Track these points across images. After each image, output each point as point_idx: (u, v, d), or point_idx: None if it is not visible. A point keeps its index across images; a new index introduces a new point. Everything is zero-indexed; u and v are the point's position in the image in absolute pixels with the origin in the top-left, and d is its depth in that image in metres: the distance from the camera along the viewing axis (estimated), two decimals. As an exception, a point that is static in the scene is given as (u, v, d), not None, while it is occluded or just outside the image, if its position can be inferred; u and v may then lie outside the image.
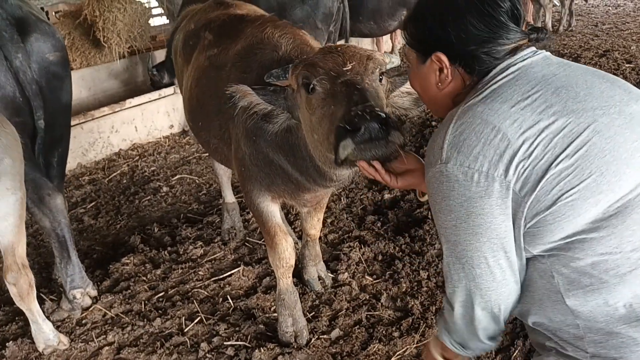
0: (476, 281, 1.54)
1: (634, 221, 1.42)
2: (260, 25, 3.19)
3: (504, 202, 1.46)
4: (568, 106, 1.46)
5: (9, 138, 2.69)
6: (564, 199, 1.42)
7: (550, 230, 1.46)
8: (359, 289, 3.66)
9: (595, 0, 14.25)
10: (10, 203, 2.65)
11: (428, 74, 1.70)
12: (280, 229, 3.13)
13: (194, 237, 4.52)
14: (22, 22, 3.29)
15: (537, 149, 1.42)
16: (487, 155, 1.44)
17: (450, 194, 1.49)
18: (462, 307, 1.62)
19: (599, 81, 1.55)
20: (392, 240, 4.13)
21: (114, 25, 7.26)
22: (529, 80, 1.52)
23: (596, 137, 1.42)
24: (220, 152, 3.44)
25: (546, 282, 1.52)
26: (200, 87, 3.41)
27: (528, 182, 1.43)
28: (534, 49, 1.63)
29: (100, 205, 5.38)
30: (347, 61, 2.21)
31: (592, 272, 1.44)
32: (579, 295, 1.46)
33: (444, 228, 1.56)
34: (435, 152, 1.53)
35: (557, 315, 1.52)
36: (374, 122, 1.90)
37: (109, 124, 6.71)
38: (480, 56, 1.60)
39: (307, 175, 2.71)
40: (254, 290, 3.74)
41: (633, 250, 1.42)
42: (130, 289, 3.86)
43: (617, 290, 1.42)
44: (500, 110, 1.47)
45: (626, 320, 1.43)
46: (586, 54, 8.81)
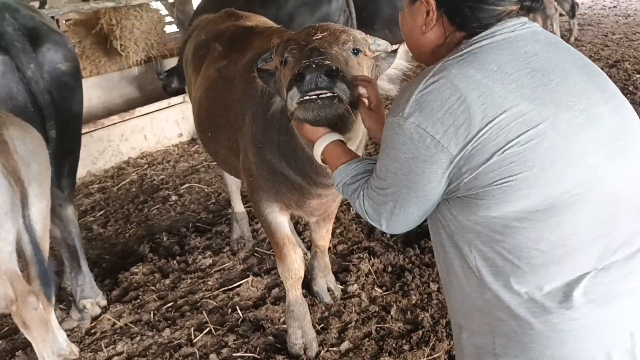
0: (391, 217, 1.67)
1: (556, 222, 1.45)
2: (267, 36, 3.21)
3: (443, 173, 1.50)
4: (537, 92, 1.45)
5: (35, 143, 2.67)
6: (500, 184, 1.44)
7: (477, 205, 1.49)
8: (369, 301, 3.64)
9: (604, 10, 14.21)
10: (37, 210, 2.59)
11: (416, 15, 1.70)
12: (289, 240, 3.13)
13: (203, 246, 4.53)
14: (34, 32, 3.31)
15: (492, 129, 1.42)
16: (446, 124, 1.44)
17: (401, 147, 1.53)
18: (367, 206, 1.72)
19: (577, 72, 1.53)
20: (401, 252, 4.11)
21: (131, 33, 7.32)
22: (510, 54, 1.51)
23: (552, 131, 1.42)
24: (229, 163, 3.45)
25: (463, 256, 1.59)
26: (209, 98, 3.43)
27: (473, 160, 1.45)
28: (525, 21, 1.60)
29: (109, 214, 5.39)
30: (318, 32, 2.24)
31: (507, 255, 1.49)
32: (491, 272, 1.53)
33: (385, 169, 1.62)
34: (402, 102, 1.54)
35: (471, 287, 1.59)
36: (318, 70, 1.93)
37: (118, 132, 6.74)
38: (463, 9, 1.58)
39: (308, 177, 2.72)
40: (263, 301, 3.73)
41: (549, 247, 1.46)
42: (140, 299, 3.86)
43: (525, 277, 1.48)
44: (473, 78, 1.46)
45: (525, 305, 1.49)
46: (596, 64, 8.63)
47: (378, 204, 1.67)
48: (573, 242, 1.45)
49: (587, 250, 1.46)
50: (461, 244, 1.58)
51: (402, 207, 1.62)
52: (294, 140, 2.62)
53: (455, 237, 1.60)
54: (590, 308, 1.45)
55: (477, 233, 1.53)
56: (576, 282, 1.45)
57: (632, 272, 1.47)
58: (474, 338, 1.64)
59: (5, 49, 3.14)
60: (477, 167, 1.45)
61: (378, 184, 1.66)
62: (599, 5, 14.98)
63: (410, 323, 3.41)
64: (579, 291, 1.45)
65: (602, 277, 1.46)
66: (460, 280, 1.62)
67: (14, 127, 2.59)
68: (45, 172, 2.71)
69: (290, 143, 2.67)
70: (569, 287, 1.45)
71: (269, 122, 2.79)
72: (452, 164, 1.47)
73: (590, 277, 1.45)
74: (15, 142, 2.51)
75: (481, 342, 1.61)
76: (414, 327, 3.36)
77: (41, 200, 2.64)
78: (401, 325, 3.39)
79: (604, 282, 1.46)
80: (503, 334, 1.54)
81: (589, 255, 1.46)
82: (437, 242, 1.71)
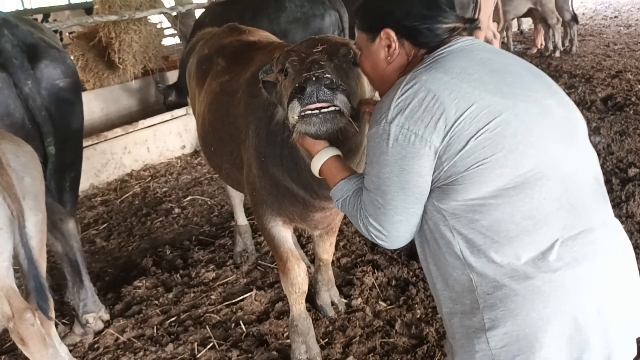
0: (393, 223, 1.80)
1: (527, 195, 1.65)
2: (269, 51, 3.23)
3: (430, 164, 1.70)
4: (498, 87, 1.69)
5: (27, 157, 2.65)
6: (476, 167, 1.64)
7: (457, 190, 1.68)
8: (373, 315, 3.62)
9: (606, 20, 14.25)
10: (32, 224, 2.57)
11: (378, 51, 1.94)
12: (293, 254, 3.11)
13: (206, 259, 4.51)
14: (32, 48, 3.30)
15: (465, 120, 1.63)
16: (425, 121, 1.65)
17: (390, 150, 1.71)
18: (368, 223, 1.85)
19: (525, 73, 1.80)
20: (405, 265, 4.09)
21: (129, 46, 7.35)
22: (469, 60, 1.76)
23: (513, 119, 1.66)
24: (232, 177, 3.44)
25: (447, 242, 1.75)
26: (212, 112, 3.43)
27: (451, 148, 1.65)
28: (472, 38, 1.89)
29: (112, 227, 5.39)
30: (318, 44, 2.26)
31: (486, 232, 1.68)
32: (473, 252, 1.70)
33: (377, 177, 1.77)
34: (383, 111, 1.73)
35: (456, 271, 1.76)
36: (319, 83, 1.97)
37: (121, 144, 6.75)
38: (422, 30, 1.85)
39: (311, 190, 2.71)
40: (266, 316, 3.71)
41: (521, 219, 1.65)
42: (143, 313, 3.84)
43: (504, 250, 1.67)
44: (442, 80, 1.69)
45: (508, 274, 1.67)
46: (598, 74, 8.77)
47: (378, 216, 1.80)
48: (540, 214, 1.66)
49: (553, 220, 1.67)
50: (444, 231, 1.75)
51: (402, 210, 1.77)
52: (297, 154, 2.62)
53: (440, 226, 1.76)
54: (565, 270, 1.64)
55: (457, 217, 1.71)
56: (549, 249, 1.65)
57: (595, 241, 1.69)
58: (464, 320, 1.78)
59: (3, 66, 3.13)
60: (454, 154, 1.65)
61: (373, 197, 1.80)
62: (600, 16, 15.04)
63: (415, 338, 3.38)
64: (553, 257, 1.65)
65: (571, 245, 1.66)
66: (447, 268, 1.79)
67: (6, 141, 2.58)
68: (40, 185, 2.69)
69: (292, 156, 2.67)
70: (544, 254, 1.65)
71: (271, 136, 2.79)
72: (435, 154, 1.68)
73: (561, 245, 1.66)
74: (8, 156, 2.50)
75: (471, 322, 1.76)
76: (419, 342, 3.33)
77: (36, 214, 2.62)
78: (406, 340, 3.36)
79: (573, 249, 1.66)
80: (490, 307, 1.70)
81: (556, 224, 1.67)
82: (422, 240, 1.87)
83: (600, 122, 6.69)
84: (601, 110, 7.17)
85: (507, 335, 1.69)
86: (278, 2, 6.91)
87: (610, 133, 6.26)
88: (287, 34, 6.45)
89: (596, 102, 7.38)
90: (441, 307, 1.89)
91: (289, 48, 2.43)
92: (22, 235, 2.44)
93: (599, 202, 1.78)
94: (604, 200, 1.81)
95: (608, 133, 6.26)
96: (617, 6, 16.50)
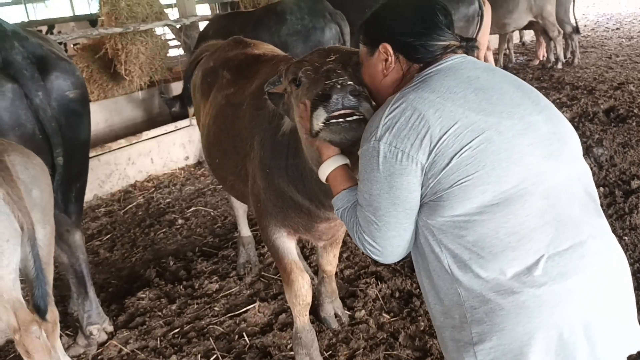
0: (387, 239, 1.84)
1: (510, 211, 1.68)
2: (274, 64, 3.25)
3: (418, 181, 1.74)
4: (481, 105, 1.73)
5: (37, 169, 2.67)
6: (460, 184, 1.68)
7: (443, 206, 1.72)
8: (377, 327, 3.61)
9: (608, 32, 14.30)
10: (40, 237, 2.58)
11: (376, 64, 2.01)
12: (297, 265, 3.12)
13: (209, 271, 4.51)
14: (42, 60, 3.34)
15: (449, 138, 1.68)
16: (411, 138, 1.70)
17: (379, 167, 1.76)
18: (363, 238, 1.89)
19: (513, 90, 1.82)
20: (409, 277, 4.09)
21: (136, 58, 7.39)
22: (455, 78, 1.80)
23: (497, 136, 1.69)
24: (236, 189, 3.46)
25: (437, 257, 1.79)
26: (217, 124, 3.45)
27: (436, 165, 1.69)
28: (465, 55, 1.94)
29: (115, 238, 5.40)
30: (331, 54, 2.29)
31: (472, 248, 1.71)
32: (460, 267, 1.74)
33: (368, 194, 1.82)
34: (372, 129, 1.79)
35: (445, 285, 1.79)
36: (344, 91, 2.01)
37: (125, 155, 6.77)
38: (416, 47, 1.91)
39: (317, 200, 2.72)
40: (270, 327, 3.71)
41: (505, 235, 1.68)
42: (146, 325, 3.84)
43: (489, 265, 1.70)
44: (428, 99, 1.74)
45: (494, 289, 1.70)
46: (601, 86, 8.79)
47: (371, 232, 1.85)
48: (524, 230, 1.68)
49: (538, 236, 1.69)
50: (433, 246, 1.79)
51: (395, 226, 1.81)
52: (302, 164, 2.64)
53: (429, 241, 1.81)
54: (551, 285, 1.66)
55: (444, 233, 1.75)
56: (534, 264, 1.67)
57: (584, 255, 1.70)
58: (454, 333, 1.82)
59: (14, 77, 3.17)
60: (439, 171, 1.69)
61: (366, 213, 1.85)
62: (602, 28, 15.10)
63: (419, 350, 3.37)
64: (539, 272, 1.67)
65: (557, 260, 1.68)
66: (437, 281, 1.82)
67: (16, 153, 2.60)
68: (48, 197, 2.70)
69: (298, 167, 2.69)
70: (529, 269, 1.67)
71: (276, 148, 2.81)
72: (422, 170, 1.72)
73: (547, 260, 1.67)
74: (17, 168, 2.51)
75: (460, 335, 1.79)
76: (422, 355, 3.33)
77: (44, 227, 2.63)
78: (410, 353, 3.36)
79: (560, 264, 1.67)
80: (477, 322, 1.74)
81: (540, 240, 1.68)
82: (416, 254, 1.92)
83: (602, 134, 6.70)
84: (604, 122, 7.18)
85: (494, 349, 1.72)
86: (279, 14, 6.97)
87: (613, 145, 6.27)
88: (287, 47, 6.50)
89: (599, 114, 7.39)
90: (434, 320, 1.93)
91: (299, 59, 2.46)
92: (33, 247, 2.45)
93: (590, 216, 1.79)
94: (596, 215, 1.82)
95: (611, 145, 6.27)
96: (618, 18, 16.57)
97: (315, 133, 2.08)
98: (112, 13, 7.22)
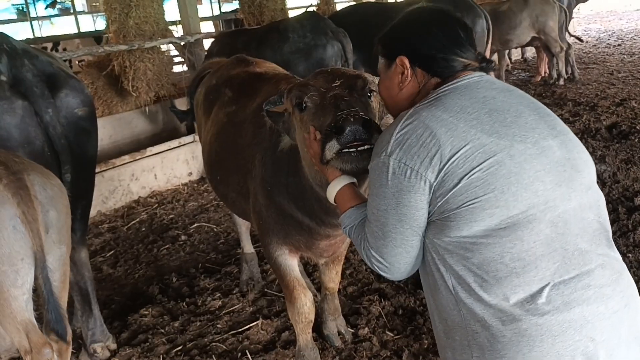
0: (394, 255, 1.84)
1: (517, 236, 1.66)
2: (275, 83, 3.28)
3: (425, 198, 1.73)
4: (494, 127, 1.71)
5: (55, 190, 2.66)
6: (468, 205, 1.66)
7: (449, 227, 1.71)
8: (380, 345, 3.60)
9: (609, 48, 14.36)
10: (55, 257, 2.57)
11: (393, 77, 2.00)
12: (299, 283, 3.12)
13: (212, 287, 4.51)
14: (52, 78, 3.38)
15: (459, 158, 1.66)
16: (421, 156, 1.69)
17: (387, 183, 1.76)
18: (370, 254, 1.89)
19: (529, 112, 1.80)
20: (412, 294, 4.08)
21: (144, 74, 7.45)
22: (470, 98, 1.78)
23: (508, 159, 1.67)
24: (238, 206, 3.47)
25: (441, 276, 1.78)
26: (219, 142, 3.48)
27: (445, 185, 1.68)
28: (482, 74, 1.91)
29: (119, 254, 5.40)
30: (336, 79, 2.31)
31: (476, 271, 1.69)
32: (464, 289, 1.72)
33: (377, 209, 1.81)
34: (383, 144, 1.79)
35: (449, 305, 1.78)
36: (357, 123, 2.03)
37: (129, 171, 6.80)
38: (438, 59, 1.90)
39: (317, 218, 2.73)
40: (272, 345, 3.70)
41: (510, 260, 1.66)
42: (149, 342, 3.83)
43: (492, 289, 1.68)
44: (440, 117, 1.72)
45: (496, 315, 1.67)
46: (603, 102, 8.81)
47: (379, 247, 1.85)
48: (530, 257, 1.66)
49: (544, 264, 1.66)
50: (439, 265, 1.78)
51: (401, 242, 1.81)
52: (302, 182, 2.66)
53: (435, 260, 1.79)
54: (553, 314, 1.63)
55: (450, 253, 1.74)
56: (539, 292, 1.65)
57: (589, 286, 1.66)
58: (456, 354, 1.81)
59: (25, 95, 3.20)
60: (447, 191, 1.68)
61: (373, 228, 1.85)
62: (603, 44, 15.17)
63: (422, 368, 3.36)
64: (542, 300, 1.64)
65: (562, 289, 1.65)
66: (441, 300, 1.81)
67: (35, 172, 2.60)
68: (65, 218, 2.70)
69: (298, 185, 2.70)
70: (533, 297, 1.65)
71: (277, 165, 2.83)
72: (430, 189, 1.71)
73: (551, 288, 1.65)
74: (36, 188, 2.52)
75: (461, 357, 1.78)
76: (426, 373, 3.31)
77: (60, 247, 2.63)
78: (413, 371, 3.34)
79: (564, 293, 1.64)
80: (478, 346, 1.72)
81: (546, 268, 1.66)
82: (423, 271, 1.90)
83: (605, 150, 6.70)
84: (606, 138, 7.19)
85: None
86: (281, 32, 7.04)
87: (616, 161, 6.27)
88: (289, 64, 6.56)
89: (601, 130, 7.40)
90: (437, 339, 1.93)
91: (302, 82, 2.47)
92: (43, 269, 2.45)
93: (599, 245, 1.74)
94: (607, 245, 1.78)
95: (613, 161, 6.27)
96: (620, 34, 16.66)
97: (327, 161, 2.10)
98: (120, 30, 7.28)
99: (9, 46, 3.32)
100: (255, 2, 9.05)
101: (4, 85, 3.18)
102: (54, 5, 19.42)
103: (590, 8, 19.74)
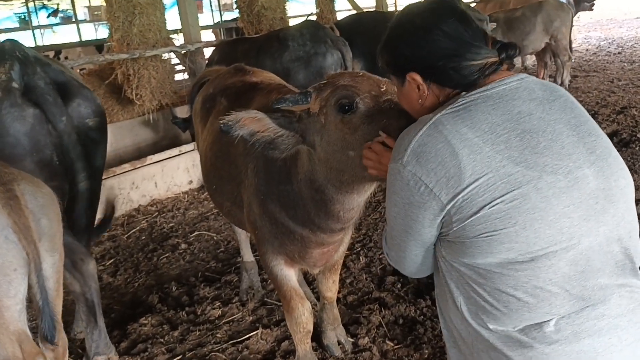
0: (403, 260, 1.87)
1: (533, 273, 1.57)
2: (267, 93, 3.28)
3: (435, 218, 1.64)
4: (524, 155, 1.56)
5: (46, 198, 2.67)
6: (485, 236, 1.57)
7: (464, 252, 1.64)
8: (380, 355, 3.58)
9: (610, 56, 14.38)
10: (48, 265, 2.56)
11: (410, 93, 1.83)
12: (297, 292, 3.11)
13: (212, 296, 4.50)
14: (64, 87, 3.37)
15: (480, 186, 1.54)
16: (438, 174, 1.58)
17: (400, 192, 1.68)
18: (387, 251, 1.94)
19: (567, 133, 1.62)
20: (412, 303, 4.06)
21: (148, 82, 7.48)
22: (503, 114, 1.60)
23: (534, 193, 1.53)
24: (233, 215, 3.47)
25: (451, 292, 1.75)
26: (214, 151, 3.48)
27: (462, 211, 1.58)
28: (523, 77, 1.70)
29: (119, 263, 5.39)
30: (379, 83, 2.29)
31: (487, 297, 1.64)
32: (472, 310, 1.69)
33: (389, 212, 1.79)
34: (401, 150, 1.67)
35: (456, 319, 1.76)
36: None
37: (129, 180, 6.80)
38: (447, 71, 1.70)
39: (311, 224, 2.72)
40: (272, 355, 3.68)
41: (523, 294, 1.59)
42: (148, 352, 3.82)
43: (502, 319, 1.63)
44: (465, 136, 1.57)
45: (501, 339, 1.64)
46: (603, 110, 8.81)
47: (391, 247, 1.87)
48: (544, 294, 1.59)
49: (559, 301, 1.59)
50: (449, 281, 1.75)
51: (405, 250, 1.80)
52: (293, 190, 2.67)
53: (446, 274, 1.76)
54: (562, 344, 1.57)
55: (461, 274, 1.69)
56: (548, 322, 1.60)
57: (603, 315, 1.58)
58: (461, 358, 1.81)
59: (36, 102, 3.20)
60: (465, 218, 1.58)
61: (388, 230, 1.85)
62: (603, 52, 15.18)
63: (422, 378, 3.34)
64: (550, 328, 1.58)
65: (573, 319, 1.58)
66: (449, 313, 1.79)
67: (25, 182, 2.60)
68: (57, 226, 2.70)
69: (289, 193, 2.71)
70: (542, 326, 1.59)
71: (269, 174, 2.84)
72: (443, 212, 1.61)
73: (562, 318, 1.59)
74: (27, 197, 2.52)
75: None
76: (426, 383, 3.29)
77: (52, 255, 2.62)
78: (413, 381, 3.32)
79: (575, 322, 1.58)
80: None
81: (560, 305, 1.59)
82: (435, 273, 1.89)
83: (606, 158, 6.68)
84: (607, 146, 7.17)
85: None
86: (281, 41, 7.08)
87: (617, 169, 6.25)
88: (289, 72, 6.60)
89: (602, 138, 7.38)
90: (444, 337, 1.93)
91: (339, 83, 2.31)
92: (39, 277, 2.44)
93: (620, 276, 1.63)
94: (631, 274, 1.66)
95: (614, 169, 6.25)
96: (620, 42, 16.67)
97: None
98: (123, 39, 7.30)
99: (22, 54, 3.32)
100: (253, 11, 9.10)
101: (16, 93, 3.17)
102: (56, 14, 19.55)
103: (590, 16, 19.72)
